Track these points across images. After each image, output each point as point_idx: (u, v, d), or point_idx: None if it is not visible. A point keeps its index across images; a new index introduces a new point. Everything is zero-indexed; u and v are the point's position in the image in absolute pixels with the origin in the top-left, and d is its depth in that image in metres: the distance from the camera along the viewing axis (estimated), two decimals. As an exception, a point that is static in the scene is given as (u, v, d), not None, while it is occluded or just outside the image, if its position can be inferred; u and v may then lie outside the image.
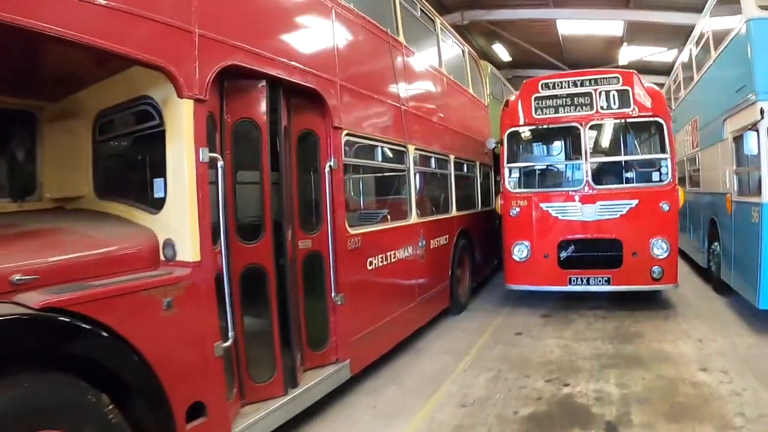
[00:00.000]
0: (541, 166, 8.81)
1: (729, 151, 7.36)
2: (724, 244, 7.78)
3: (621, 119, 7.54)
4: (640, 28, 14.54)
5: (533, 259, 7.64)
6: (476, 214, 9.29)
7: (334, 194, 4.49)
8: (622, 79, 7.55)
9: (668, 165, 7.34)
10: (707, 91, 8.75)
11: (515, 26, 15.62)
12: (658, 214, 7.25)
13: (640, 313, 7.43)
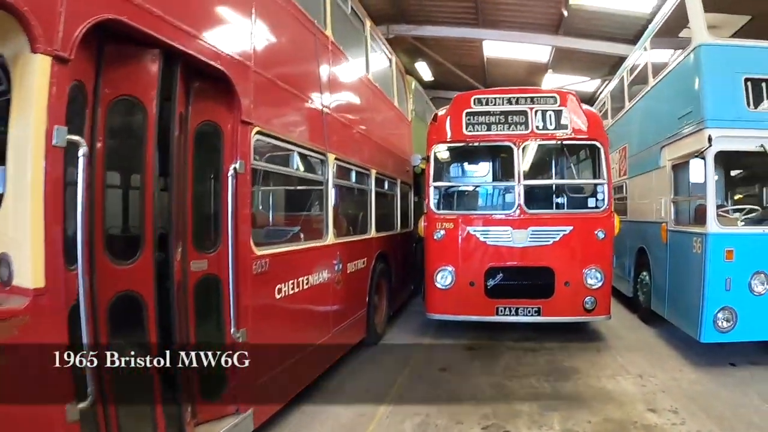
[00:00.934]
0: (469, 187, 8.44)
1: (666, 179, 7.35)
2: (656, 274, 7.76)
3: (557, 141, 7.29)
4: (565, 55, 14.89)
5: (458, 286, 7.16)
6: (395, 236, 8.77)
7: (239, 205, 3.72)
8: (559, 99, 7.32)
9: (605, 191, 7.18)
10: (640, 120, 8.80)
11: (441, 45, 15.54)
12: (593, 242, 7.01)
13: (570, 345, 7.16)
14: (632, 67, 9.48)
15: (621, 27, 13.39)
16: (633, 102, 9.24)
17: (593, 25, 13.45)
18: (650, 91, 8.26)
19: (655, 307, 7.80)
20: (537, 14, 13.17)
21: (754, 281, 6.08)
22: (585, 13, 12.68)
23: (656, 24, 8.21)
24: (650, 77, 8.21)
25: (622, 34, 13.73)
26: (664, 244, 7.41)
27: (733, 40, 6.55)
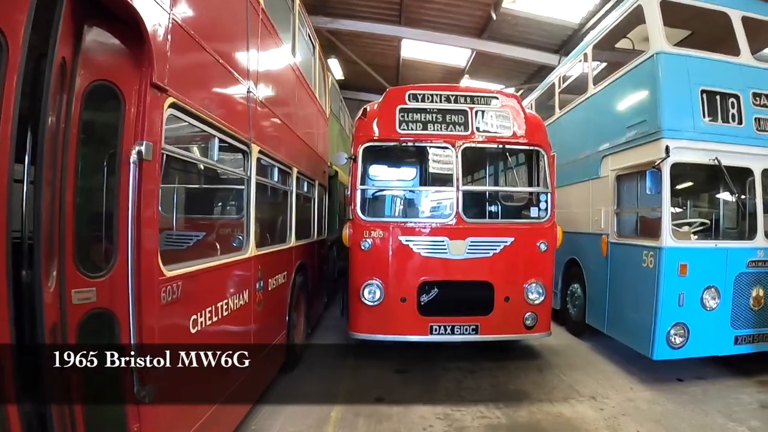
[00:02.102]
0: (401, 192, 7.62)
1: (609, 189, 7.05)
2: (591, 287, 7.50)
3: (499, 145, 6.63)
4: (485, 61, 14.58)
5: (387, 303, 6.28)
6: (313, 244, 7.81)
7: (143, 205, 2.63)
8: (501, 100, 6.71)
9: (548, 200, 6.63)
10: (574, 128, 8.44)
11: (356, 41, 14.70)
12: (535, 255, 6.46)
13: (509, 364, 6.66)
14: (565, 74, 9.17)
15: (547, 36, 13.32)
16: (565, 110, 8.92)
17: (519, 32, 13.24)
18: (589, 99, 7.93)
19: (592, 321, 7.54)
20: (463, 16, 12.71)
21: (705, 296, 5.93)
22: (513, 18, 12.43)
23: (599, 32, 7.93)
24: (590, 85, 7.89)
25: (546, 43, 13.72)
26: (603, 257, 7.11)
27: (690, 51, 6.31)
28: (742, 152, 6.20)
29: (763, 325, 6.21)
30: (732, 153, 6.13)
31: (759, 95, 6.38)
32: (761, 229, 6.28)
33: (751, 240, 6.29)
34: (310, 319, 7.37)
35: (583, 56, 8.23)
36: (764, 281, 6.19)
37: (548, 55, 13.90)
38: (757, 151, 6.27)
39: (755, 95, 6.36)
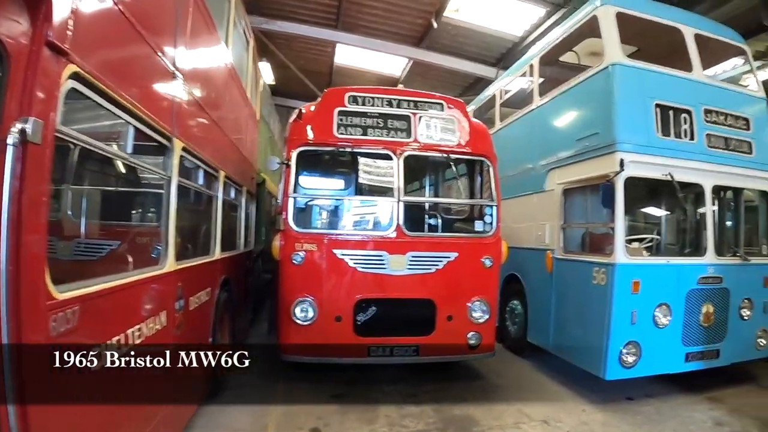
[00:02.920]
0: (338, 201, 7.06)
1: (554, 204, 6.88)
2: (533, 304, 7.35)
3: (443, 154, 6.22)
4: (422, 71, 14.29)
5: (321, 322, 5.68)
6: (239, 256, 7.10)
7: (24, 203, 1.93)
8: (446, 107, 6.31)
9: (493, 213, 6.29)
10: (516, 140, 8.21)
11: (292, 45, 14.06)
12: (479, 271, 6.09)
13: (451, 385, 6.33)
14: (507, 86, 8.98)
15: (486, 48, 13.24)
16: (507, 122, 8.71)
17: (458, 42, 13.05)
18: (534, 111, 7.74)
19: (534, 339, 7.34)
20: (403, 23, 12.38)
21: (657, 313, 5.84)
22: (454, 28, 12.20)
23: (547, 44, 7.77)
24: (535, 97, 7.70)
25: (485, 55, 13.64)
26: (548, 273, 6.91)
27: (645, 64, 6.23)
28: (694, 168, 6.20)
29: (712, 341, 6.22)
30: (684, 168, 6.09)
31: (710, 112, 6.43)
32: (711, 245, 6.28)
33: (701, 257, 6.27)
34: (235, 338, 6.63)
35: (528, 68, 8.06)
36: (714, 298, 6.20)
37: (486, 67, 13.84)
38: (708, 167, 6.29)
39: (707, 111, 6.40)
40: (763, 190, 6.94)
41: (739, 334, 6.45)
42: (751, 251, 6.99)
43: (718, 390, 6.39)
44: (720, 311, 6.27)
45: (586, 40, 7.18)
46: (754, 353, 6.72)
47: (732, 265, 6.45)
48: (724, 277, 6.28)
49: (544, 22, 11.23)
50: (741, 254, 6.68)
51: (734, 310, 6.43)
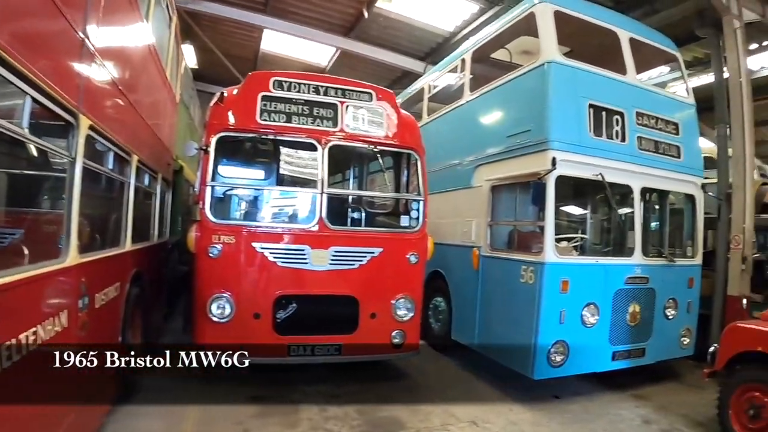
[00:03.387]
0: (258, 191, 7.05)
1: (483, 200, 7.07)
2: (459, 302, 7.55)
3: (370, 145, 6.29)
4: (349, 62, 14.32)
5: (239, 319, 5.64)
6: (152, 248, 6.90)
7: None
8: (375, 97, 6.39)
9: (420, 208, 6.43)
10: (443, 135, 8.42)
11: (216, 27, 13.74)
12: (404, 267, 6.23)
13: (375, 385, 6.41)
14: (436, 80, 9.19)
15: (416, 42, 13.43)
16: (435, 116, 8.90)
17: (388, 34, 13.17)
18: (464, 106, 7.94)
19: (458, 337, 7.53)
20: (334, 11, 12.36)
21: (585, 313, 6.11)
22: (385, 19, 12.28)
23: (481, 39, 8.00)
24: (466, 92, 7.90)
25: (414, 49, 13.85)
26: (473, 270, 7.09)
27: (581, 64, 6.51)
28: (624, 169, 6.53)
29: (637, 340, 6.60)
30: (614, 169, 6.40)
31: (642, 114, 6.81)
32: (638, 246, 6.65)
33: (629, 257, 6.63)
34: (149, 336, 6.44)
35: (460, 62, 8.25)
36: (640, 297, 6.58)
37: (415, 61, 14.11)
38: (638, 169, 6.65)
39: (639, 114, 6.78)
40: (688, 194, 7.39)
41: (664, 333, 6.88)
42: (676, 253, 7.47)
43: (643, 387, 6.78)
44: (646, 311, 6.66)
45: (519, 38, 7.48)
46: (678, 351, 7.19)
47: (658, 265, 6.85)
48: (650, 278, 6.68)
49: (477, 19, 11.53)
50: (667, 255, 7.11)
51: (659, 310, 6.85)
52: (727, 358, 5.20)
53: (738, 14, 8.26)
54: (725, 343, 5.28)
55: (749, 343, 5.01)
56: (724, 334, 5.36)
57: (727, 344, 5.25)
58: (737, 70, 8.18)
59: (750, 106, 8.18)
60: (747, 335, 5.10)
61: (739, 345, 5.12)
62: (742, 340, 5.12)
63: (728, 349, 5.21)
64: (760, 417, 4.82)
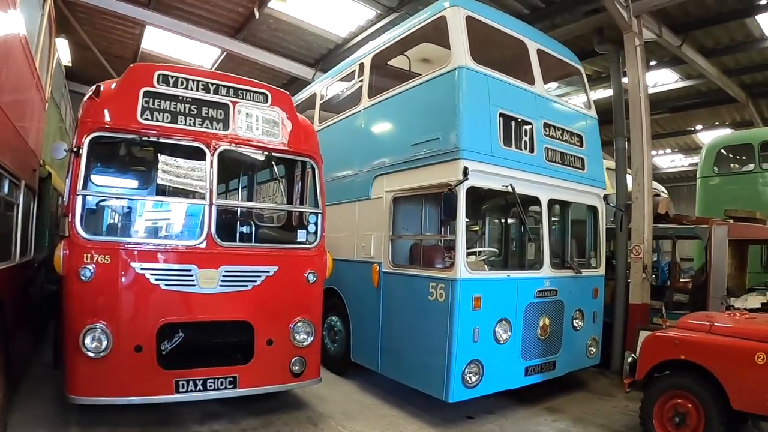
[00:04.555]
0: (137, 202, 6.04)
1: (382, 213, 6.54)
2: (358, 321, 7.00)
3: (265, 151, 5.54)
4: (234, 65, 13.28)
5: (117, 353, 4.67)
6: (14, 268, 5.61)
7: None
8: (271, 98, 5.65)
9: (318, 222, 5.78)
10: (338, 144, 7.69)
11: (95, 21, 12.23)
12: (303, 287, 5.55)
13: (275, 417, 5.58)
14: (330, 86, 8.54)
15: (306, 47, 12.69)
16: (328, 123, 8.19)
17: (277, 38, 12.35)
18: (362, 112, 7.33)
19: (359, 359, 6.96)
20: (222, 10, 11.31)
21: (498, 329, 5.75)
22: (276, 21, 11.43)
23: (383, 43, 7.40)
24: (364, 98, 7.30)
25: (304, 54, 13.11)
26: (374, 287, 6.53)
27: (492, 71, 6.09)
28: (533, 180, 6.24)
29: (548, 353, 6.36)
30: (524, 181, 6.09)
31: (549, 126, 6.58)
32: (547, 258, 6.37)
33: (538, 270, 6.34)
34: (12, 373, 5.24)
35: (358, 66, 7.64)
36: (550, 310, 6.34)
37: (304, 67, 13.38)
38: (545, 180, 6.41)
39: (546, 125, 6.53)
40: (591, 205, 7.27)
41: (573, 344, 6.72)
42: (581, 264, 7.29)
43: (555, 400, 6.57)
44: (556, 323, 6.46)
45: (419, 45, 7.07)
46: (586, 361, 7.07)
47: (566, 277, 6.65)
48: (558, 290, 6.47)
49: (372, 26, 11.01)
50: (574, 267, 6.94)
51: (568, 322, 6.67)
52: (648, 367, 5.12)
53: (639, 33, 8.35)
54: (646, 353, 5.20)
55: (671, 352, 4.97)
56: (644, 344, 5.26)
57: (648, 354, 5.18)
58: (638, 86, 8.25)
59: (648, 120, 8.30)
60: (668, 344, 5.03)
61: (660, 354, 5.07)
62: (663, 350, 5.05)
63: (649, 358, 5.14)
64: (685, 423, 4.78)
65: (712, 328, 4.88)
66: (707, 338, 4.81)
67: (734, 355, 4.54)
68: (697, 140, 18.72)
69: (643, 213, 7.88)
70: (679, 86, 13.35)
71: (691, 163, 21.22)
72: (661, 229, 8.15)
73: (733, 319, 5.21)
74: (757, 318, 5.30)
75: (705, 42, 10.65)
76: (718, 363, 4.61)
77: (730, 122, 15.96)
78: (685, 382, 4.82)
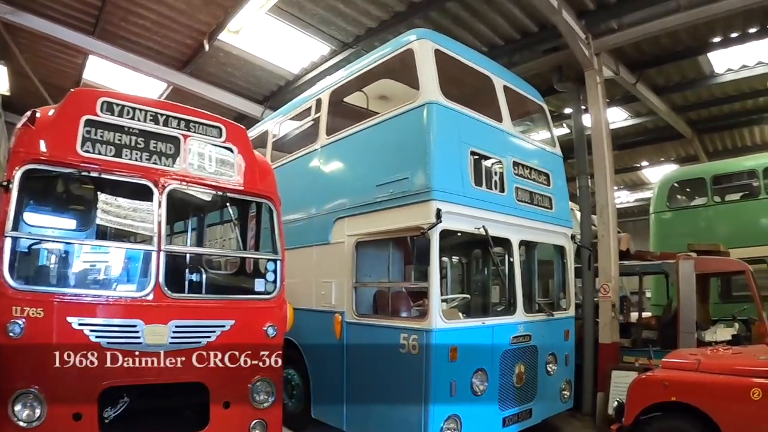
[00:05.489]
0: (75, 247, 5.28)
1: (344, 258, 5.99)
2: (319, 375, 6.39)
3: (219, 191, 4.93)
4: (180, 100, 12.03)
5: (53, 422, 3.93)
6: None
7: None
8: (226, 133, 5.03)
9: (278, 269, 5.11)
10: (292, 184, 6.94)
11: (36, 48, 11.37)
12: (261, 342, 4.85)
13: None
14: (283, 122, 7.99)
15: (255, 83, 12.13)
16: (280, 162, 7.57)
17: (227, 73, 11.74)
18: (319, 150, 6.81)
19: (321, 416, 6.35)
20: (170, 41, 10.64)
21: (475, 380, 5.30)
22: (226, 55, 10.80)
23: (343, 77, 6.91)
24: (321, 135, 6.79)
25: (252, 91, 12.52)
26: (336, 339, 5.96)
27: (462, 107, 5.71)
28: (504, 222, 5.89)
29: (525, 401, 5.97)
30: (495, 222, 5.73)
31: (518, 164, 6.26)
32: (520, 303, 6.00)
33: (512, 315, 5.94)
34: None
35: (315, 102, 7.11)
36: (525, 356, 5.95)
37: (252, 104, 12.79)
38: (516, 221, 6.07)
39: (515, 164, 6.20)
40: (558, 245, 6.99)
41: (547, 389, 6.36)
42: (549, 305, 6.99)
43: None
44: (530, 369, 6.07)
45: (377, 82, 6.70)
46: (561, 406, 6.71)
47: (538, 321, 6.29)
48: (532, 335, 6.07)
49: (326, 62, 10.57)
50: (546, 310, 6.59)
51: (542, 367, 6.30)
52: (637, 411, 4.82)
53: (599, 70, 8.30)
54: (634, 397, 4.91)
55: (661, 394, 4.70)
56: (632, 387, 4.97)
57: (637, 397, 4.88)
58: (601, 122, 8.14)
59: (611, 156, 8.17)
60: (657, 386, 4.76)
61: (650, 397, 4.79)
62: (653, 392, 4.78)
63: (638, 402, 4.84)
64: None
65: (700, 365, 4.65)
66: (698, 377, 4.59)
67: (729, 394, 4.34)
68: (642, 176, 19.07)
69: (610, 251, 7.65)
70: (627, 124, 13.53)
71: (636, 199, 21.61)
72: (626, 266, 7.94)
73: (719, 355, 5.04)
74: (742, 352, 5.14)
75: (657, 80, 10.79)
76: (712, 402, 4.40)
77: (675, 158, 16.31)
78: (678, 424, 4.58)
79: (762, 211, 9.95)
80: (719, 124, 13.59)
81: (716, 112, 12.97)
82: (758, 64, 9.94)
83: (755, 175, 10.11)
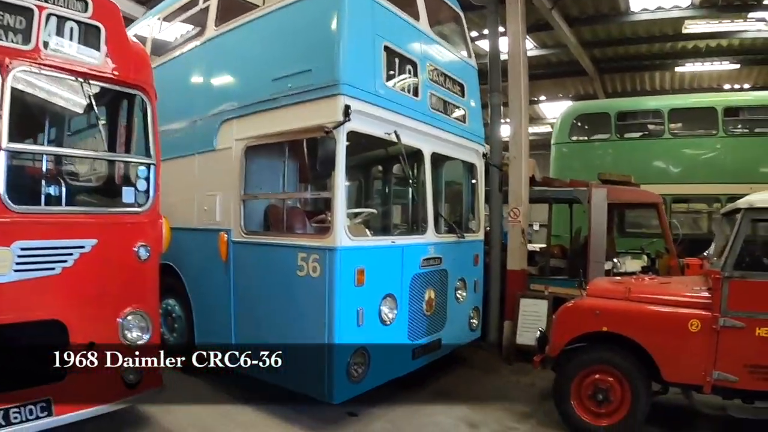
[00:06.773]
0: None
1: (231, 167, 5.04)
2: (202, 305, 5.43)
3: (79, 77, 3.82)
4: None
5: None
6: None
7: None
8: (93, 7, 3.85)
9: (151, 177, 4.14)
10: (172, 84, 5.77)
11: None
12: (132, 267, 3.94)
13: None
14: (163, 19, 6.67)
15: None
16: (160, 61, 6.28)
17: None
18: (207, 44, 5.71)
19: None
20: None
21: (384, 308, 4.66)
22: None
23: None
24: (210, 26, 5.68)
25: None
26: (222, 261, 5.08)
27: None
28: (417, 129, 5.20)
29: (434, 330, 5.43)
30: (408, 129, 5.02)
31: (434, 70, 5.58)
32: (431, 221, 5.40)
33: (422, 235, 5.34)
34: None
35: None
36: (435, 281, 5.38)
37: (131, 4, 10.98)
38: (430, 130, 5.41)
39: (430, 68, 5.51)
40: (470, 162, 6.48)
41: (456, 317, 5.89)
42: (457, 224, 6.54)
43: (439, 381, 5.72)
44: (440, 296, 5.52)
45: None
46: (469, 335, 6.34)
47: (449, 243, 5.76)
48: (443, 258, 5.52)
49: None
50: (457, 231, 6.06)
51: (451, 293, 5.80)
52: (564, 342, 4.48)
53: None
54: (560, 326, 4.61)
55: (591, 324, 4.39)
56: (559, 316, 4.68)
57: (564, 327, 4.59)
58: (519, 44, 7.46)
59: (527, 79, 7.58)
60: (588, 315, 4.43)
61: (578, 327, 4.46)
62: (582, 322, 4.46)
63: (565, 332, 4.53)
64: (608, 400, 4.30)
65: (631, 294, 4.34)
66: (633, 306, 4.31)
67: (666, 325, 4.10)
68: (539, 111, 19.02)
69: (521, 174, 7.16)
70: (531, 54, 13.07)
71: (533, 133, 21.67)
72: (537, 191, 7.55)
73: (648, 285, 4.73)
74: (671, 282, 4.89)
75: (572, 10, 10.47)
76: (647, 333, 4.17)
77: (574, 94, 16.40)
78: (609, 356, 4.31)
79: (663, 151, 10.14)
80: (623, 64, 13.71)
81: (622, 52, 12.99)
82: (674, 7, 9.91)
83: (661, 115, 10.23)
